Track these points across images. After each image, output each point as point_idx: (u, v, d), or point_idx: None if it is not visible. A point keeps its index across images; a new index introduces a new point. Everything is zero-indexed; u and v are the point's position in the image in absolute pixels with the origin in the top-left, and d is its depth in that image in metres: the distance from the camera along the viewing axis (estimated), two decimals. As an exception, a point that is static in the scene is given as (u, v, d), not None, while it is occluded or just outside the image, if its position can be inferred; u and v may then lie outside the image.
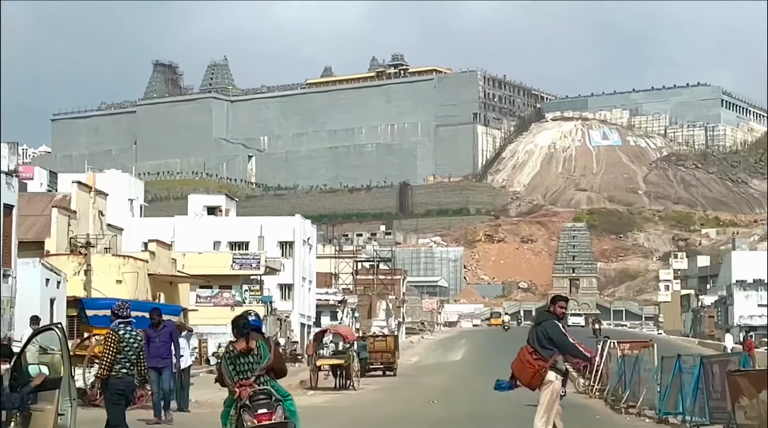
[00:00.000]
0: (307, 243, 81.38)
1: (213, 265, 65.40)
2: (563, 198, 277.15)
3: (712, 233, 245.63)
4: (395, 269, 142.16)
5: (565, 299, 15.05)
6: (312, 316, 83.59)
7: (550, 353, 14.23)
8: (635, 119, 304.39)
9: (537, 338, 14.37)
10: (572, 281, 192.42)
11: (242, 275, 66.62)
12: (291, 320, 75.09)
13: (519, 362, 14.46)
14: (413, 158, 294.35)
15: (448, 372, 43.30)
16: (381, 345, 46.30)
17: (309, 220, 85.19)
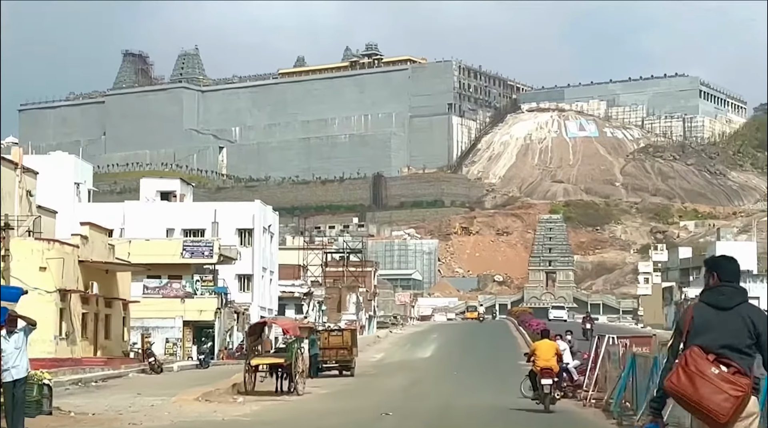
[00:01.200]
0: (268, 231, 76.03)
1: (161, 253, 60.17)
2: (539, 190, 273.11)
3: (690, 225, 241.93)
4: (366, 261, 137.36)
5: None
6: (274, 309, 78.32)
7: (749, 362, 7.48)
8: (612, 110, 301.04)
9: (734, 333, 7.48)
10: (548, 275, 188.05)
11: (195, 264, 61.31)
12: (250, 313, 69.74)
13: (692, 378, 7.19)
14: (387, 149, 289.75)
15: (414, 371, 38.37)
16: (336, 341, 40.91)
17: (270, 206, 79.63)
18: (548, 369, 25.04)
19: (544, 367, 24.99)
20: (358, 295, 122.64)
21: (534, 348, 26.65)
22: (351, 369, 41.17)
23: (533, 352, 26.39)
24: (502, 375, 37.06)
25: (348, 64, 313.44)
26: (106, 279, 47.20)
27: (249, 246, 72.71)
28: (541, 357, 25.40)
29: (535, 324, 53.62)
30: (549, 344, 26.34)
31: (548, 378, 24.82)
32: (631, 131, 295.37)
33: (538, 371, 25.04)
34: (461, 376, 37.17)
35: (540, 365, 25.10)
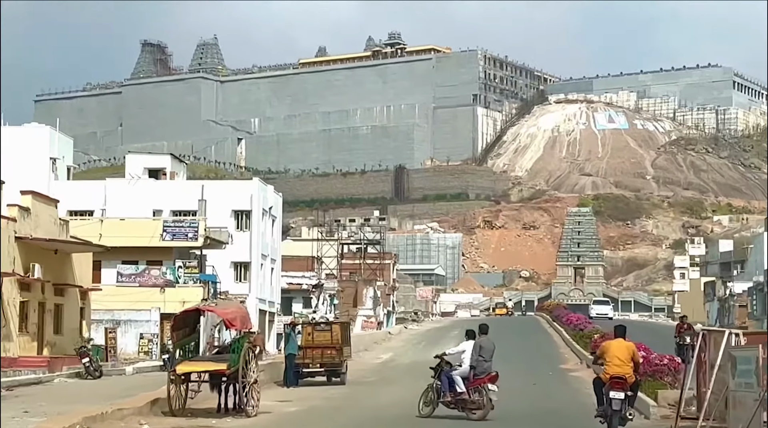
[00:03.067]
0: (269, 214, 67.59)
1: (139, 234, 51.88)
2: (567, 183, 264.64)
3: (724, 220, 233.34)
4: (384, 253, 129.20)
5: None
6: (276, 302, 69.94)
7: None
8: (643, 101, 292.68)
9: None
10: (577, 270, 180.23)
11: (178, 247, 52.96)
12: (247, 306, 61.22)
13: None
14: (410, 141, 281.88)
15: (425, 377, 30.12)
16: (322, 338, 32.04)
17: (271, 186, 71.23)
18: (621, 378, 18.10)
19: (616, 375, 18.11)
20: (376, 289, 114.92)
21: (604, 350, 18.62)
22: (341, 375, 32.73)
23: (602, 355, 18.78)
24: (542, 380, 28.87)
25: (370, 53, 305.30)
26: (55, 262, 38.89)
27: (247, 230, 64.32)
28: (612, 362, 18.26)
29: (575, 320, 45.05)
30: (624, 345, 18.69)
31: (620, 390, 18.01)
32: (662, 123, 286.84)
33: (607, 379, 18.24)
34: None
35: (610, 371, 18.21)
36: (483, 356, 22.40)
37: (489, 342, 22.75)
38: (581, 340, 37.68)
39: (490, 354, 22.54)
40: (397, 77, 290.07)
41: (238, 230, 63.96)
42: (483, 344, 22.62)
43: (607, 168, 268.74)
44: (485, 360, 22.38)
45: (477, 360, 22.40)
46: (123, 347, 47.17)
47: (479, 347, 22.57)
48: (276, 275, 70.47)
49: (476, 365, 22.36)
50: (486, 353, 22.41)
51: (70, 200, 61.40)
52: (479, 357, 22.42)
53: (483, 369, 22.34)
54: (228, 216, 63.87)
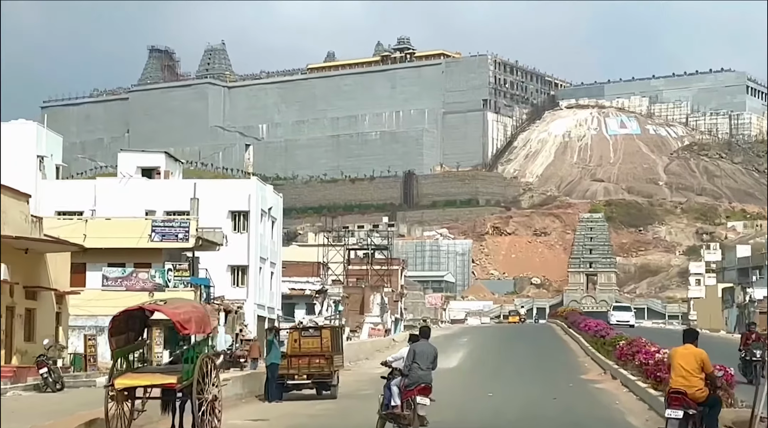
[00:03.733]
0: (269, 215, 64.22)
1: (126, 235, 48.53)
2: (578, 189, 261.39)
3: (739, 226, 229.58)
4: (392, 259, 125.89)
5: None
6: (277, 308, 66.55)
7: None
8: (655, 106, 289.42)
9: None
10: (589, 277, 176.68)
11: (168, 249, 49.62)
12: (244, 311, 58.05)
13: None
14: (419, 146, 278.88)
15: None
16: (310, 345, 28.20)
17: (270, 186, 67.90)
18: (680, 392, 14.77)
19: (676, 389, 14.80)
20: (383, 295, 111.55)
21: (669, 358, 15.09)
22: (331, 388, 28.76)
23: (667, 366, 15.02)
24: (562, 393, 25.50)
25: (379, 58, 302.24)
26: (26, 262, 35.54)
27: (244, 232, 60.98)
28: (675, 373, 14.99)
29: (593, 325, 41.53)
30: (692, 353, 15.18)
31: (677, 407, 14.71)
32: (674, 129, 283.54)
33: (666, 394, 15.22)
34: (500, 398, 25.44)
35: (671, 384, 14.98)
36: (418, 362, 19.19)
37: (427, 347, 19.55)
38: (603, 348, 34.19)
39: (429, 360, 19.31)
40: (406, 82, 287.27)
41: (235, 231, 60.67)
42: (418, 348, 19.41)
43: (619, 174, 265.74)
44: (420, 368, 19.17)
45: (409, 368, 19.20)
46: (104, 355, 43.76)
47: (413, 352, 19.37)
48: (276, 279, 67.12)
49: (408, 373, 19.18)
50: (422, 359, 19.21)
51: (58, 200, 58.44)
52: (413, 363, 19.21)
53: (416, 378, 19.12)
54: (225, 217, 60.64)
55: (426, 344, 19.61)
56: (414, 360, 19.18)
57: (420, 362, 19.13)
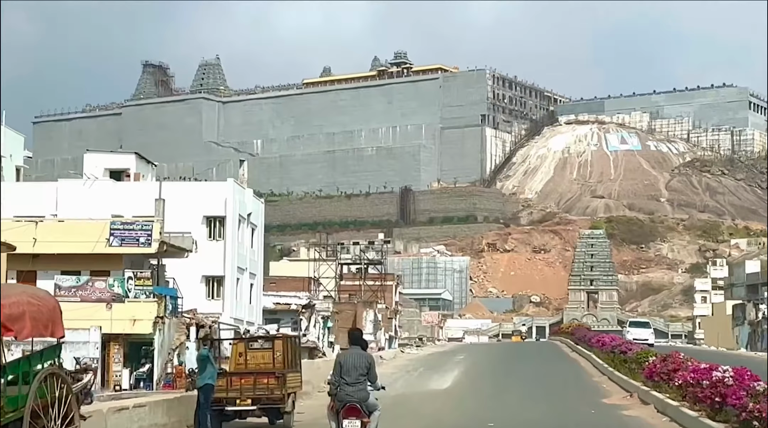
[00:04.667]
0: (248, 221, 58.99)
1: (82, 239, 43.28)
2: (579, 206, 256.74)
3: (742, 243, 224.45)
4: (386, 274, 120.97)
5: None
6: (257, 323, 61.22)
7: None
8: (656, 122, 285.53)
9: None
10: (590, 295, 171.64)
11: (130, 255, 44.38)
12: (218, 326, 52.69)
13: None
14: (416, 162, 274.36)
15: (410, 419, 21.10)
16: (260, 361, 22.93)
17: (251, 190, 62.64)
18: None
19: None
20: (376, 312, 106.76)
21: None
22: (284, 416, 22.49)
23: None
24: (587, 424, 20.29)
25: (376, 73, 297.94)
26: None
27: (220, 239, 55.76)
28: None
29: (609, 341, 36.25)
30: None
31: None
32: (676, 145, 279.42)
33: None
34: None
35: None
36: (345, 378, 15.59)
37: (357, 356, 15.83)
38: (623, 366, 28.95)
39: (359, 373, 15.62)
40: (403, 97, 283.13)
41: (210, 239, 55.50)
42: (344, 359, 15.84)
43: (619, 190, 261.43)
44: (347, 383, 15.55)
45: (337, 384, 15.64)
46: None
47: (338, 365, 15.79)
48: (257, 292, 61.81)
49: (336, 391, 15.64)
50: (350, 372, 15.60)
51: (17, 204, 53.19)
52: (340, 379, 15.61)
53: (342, 396, 15.49)
54: (199, 223, 55.44)
55: (356, 352, 15.91)
56: (341, 374, 15.58)
57: (347, 376, 15.53)
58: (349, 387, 15.42)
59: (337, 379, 15.57)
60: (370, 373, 15.67)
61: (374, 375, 15.78)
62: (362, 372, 15.56)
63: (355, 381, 15.47)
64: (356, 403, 15.38)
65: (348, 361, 15.62)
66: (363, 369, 15.58)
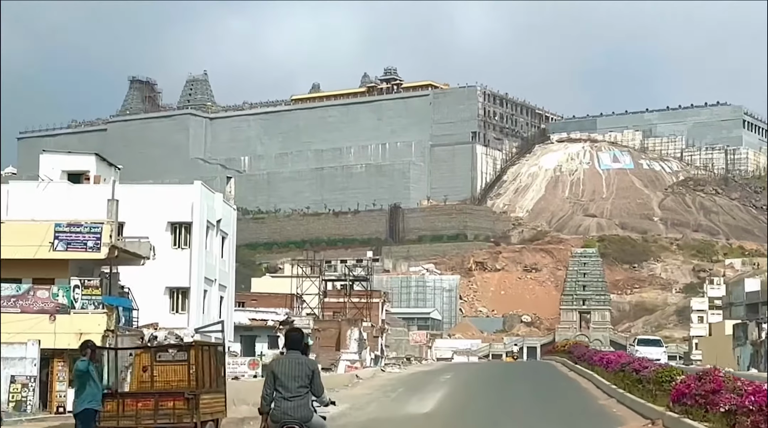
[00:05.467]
0: (217, 229, 54.40)
1: (23, 243, 38.63)
2: (570, 224, 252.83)
3: (737, 263, 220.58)
4: (372, 291, 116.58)
5: None
6: (228, 338, 56.47)
7: None
8: (649, 140, 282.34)
9: None
10: (582, 315, 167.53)
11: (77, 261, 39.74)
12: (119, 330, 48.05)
13: None
14: (406, 179, 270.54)
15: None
16: (170, 377, 18.05)
17: (220, 194, 57.97)
18: None
19: None
20: (361, 330, 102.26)
21: None
22: None
23: None
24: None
25: (365, 89, 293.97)
26: None
27: (186, 247, 51.17)
28: None
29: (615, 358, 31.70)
30: None
31: None
32: (669, 163, 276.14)
33: None
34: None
35: None
36: (281, 391, 12.70)
37: (296, 365, 12.91)
38: (637, 387, 24.40)
39: (299, 384, 12.73)
40: (393, 114, 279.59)
41: (175, 247, 50.92)
42: (281, 368, 12.89)
43: (612, 209, 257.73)
44: (284, 398, 12.66)
45: (270, 398, 12.81)
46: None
47: (272, 375, 12.90)
48: (227, 305, 57.14)
49: (270, 409, 12.78)
50: (287, 384, 12.72)
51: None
52: (275, 391, 12.74)
53: (278, 415, 12.65)
54: (164, 229, 50.87)
55: (295, 358, 12.95)
56: (276, 386, 12.73)
57: (284, 389, 12.66)
58: (286, 402, 12.54)
59: (270, 392, 12.67)
60: (314, 384, 12.73)
61: (319, 387, 12.84)
62: (303, 383, 12.65)
63: (294, 395, 12.56)
64: (296, 423, 12.55)
65: (285, 370, 12.64)
66: (304, 380, 12.66)
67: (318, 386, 12.83)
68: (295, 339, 13.11)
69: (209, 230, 53.11)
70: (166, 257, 49.35)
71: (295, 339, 13.12)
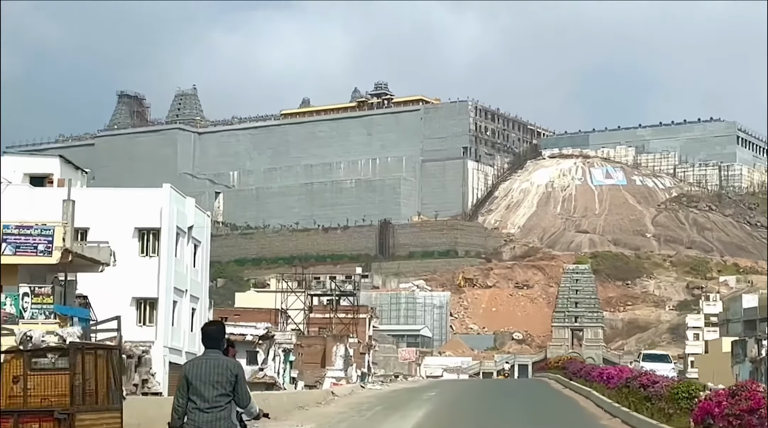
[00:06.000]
0: (189, 236, 51.10)
1: (-33, 247, 35.31)
2: (562, 241, 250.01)
3: (731, 280, 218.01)
4: (359, 306, 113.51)
5: None
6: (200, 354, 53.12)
7: None
8: (642, 156, 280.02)
9: None
10: (574, 332, 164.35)
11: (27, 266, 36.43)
12: (151, 357, 44.82)
13: None
14: (396, 195, 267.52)
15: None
16: (49, 391, 14.02)
17: (192, 199, 54.55)
18: None
19: None
20: (347, 347, 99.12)
21: None
22: None
23: None
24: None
25: (356, 104, 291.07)
26: None
27: (154, 255, 47.86)
28: None
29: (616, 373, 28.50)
30: None
31: None
32: (662, 180, 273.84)
33: None
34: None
35: None
36: (196, 400, 10.00)
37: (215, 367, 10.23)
38: (645, 405, 21.16)
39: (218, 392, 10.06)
40: (383, 129, 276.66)
41: (142, 254, 47.63)
42: (195, 371, 10.25)
43: (604, 225, 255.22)
44: (200, 409, 10.00)
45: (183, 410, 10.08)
46: None
47: (186, 380, 10.14)
48: (200, 317, 53.73)
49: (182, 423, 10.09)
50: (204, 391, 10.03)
51: None
52: (189, 401, 10.02)
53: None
54: (131, 236, 47.56)
55: (213, 359, 10.24)
56: (190, 396, 10.01)
57: (199, 397, 9.96)
58: (203, 414, 10.02)
59: (183, 403, 10.06)
60: (238, 392, 10.15)
61: (245, 396, 10.23)
62: (224, 390, 10.08)
63: (213, 406, 10.00)
64: None
65: (200, 374, 10.08)
66: (225, 386, 10.10)
67: (243, 394, 10.17)
68: (213, 335, 10.41)
69: (179, 237, 49.82)
70: (132, 266, 46.07)
71: (214, 334, 10.42)
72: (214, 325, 10.54)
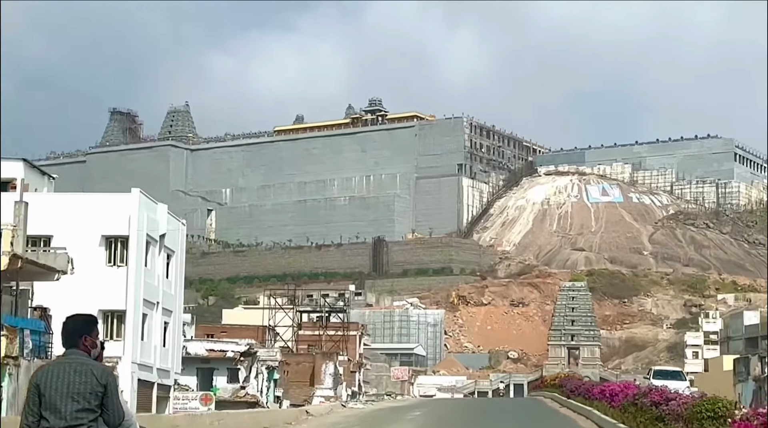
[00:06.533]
0: (161, 245, 47.99)
1: None
2: (558, 258, 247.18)
3: (729, 298, 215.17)
4: (350, 323, 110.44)
5: None
6: (174, 370, 49.97)
7: None
8: (638, 174, 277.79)
9: None
10: (570, 351, 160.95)
11: (-25, 275, 33.25)
12: (118, 374, 41.58)
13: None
14: (390, 212, 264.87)
15: None
16: None
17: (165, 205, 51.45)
18: None
19: None
20: (337, 365, 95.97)
21: None
22: None
23: None
24: None
25: (349, 121, 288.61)
26: None
27: (123, 265, 44.75)
28: None
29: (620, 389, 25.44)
30: None
31: None
32: (659, 197, 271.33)
33: None
34: None
35: None
36: (49, 417, 7.26)
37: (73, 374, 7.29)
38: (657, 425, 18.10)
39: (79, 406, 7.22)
40: (377, 146, 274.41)
41: (110, 264, 44.53)
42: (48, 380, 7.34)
43: (601, 243, 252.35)
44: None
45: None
46: None
47: (37, 391, 7.31)
48: (173, 332, 50.55)
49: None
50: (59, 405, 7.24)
51: None
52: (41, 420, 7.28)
53: None
54: (98, 244, 44.45)
55: (73, 363, 7.44)
56: (41, 409, 7.36)
57: (53, 413, 7.31)
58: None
59: (34, 421, 7.39)
60: (107, 406, 7.39)
61: (116, 412, 7.44)
62: (87, 404, 7.32)
63: (71, 425, 7.29)
64: None
65: (54, 383, 7.34)
66: (90, 399, 7.33)
67: (114, 410, 7.44)
68: (74, 332, 7.54)
69: (150, 246, 46.75)
70: (99, 276, 42.94)
71: (73, 330, 7.54)
72: (76, 319, 7.53)
